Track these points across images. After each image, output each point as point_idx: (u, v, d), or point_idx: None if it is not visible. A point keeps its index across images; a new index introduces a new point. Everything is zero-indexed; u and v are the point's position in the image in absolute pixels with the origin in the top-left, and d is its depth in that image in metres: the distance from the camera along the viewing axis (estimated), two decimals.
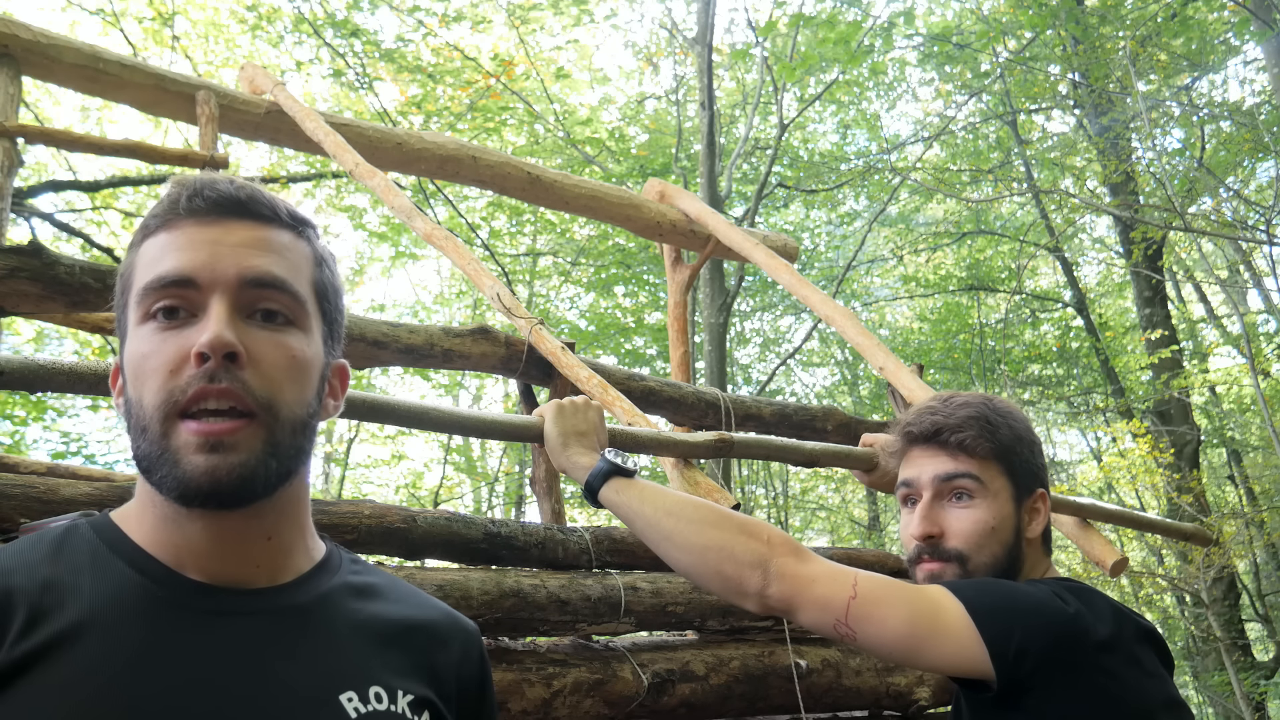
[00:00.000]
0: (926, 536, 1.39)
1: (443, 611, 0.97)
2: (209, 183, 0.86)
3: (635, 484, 1.37)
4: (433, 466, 13.58)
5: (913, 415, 1.48)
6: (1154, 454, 8.97)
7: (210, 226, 0.84)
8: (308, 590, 0.87)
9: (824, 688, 2.35)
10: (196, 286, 0.82)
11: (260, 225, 0.87)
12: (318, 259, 0.91)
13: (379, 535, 1.90)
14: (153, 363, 0.80)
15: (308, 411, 0.85)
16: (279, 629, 0.83)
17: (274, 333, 0.84)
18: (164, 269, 0.83)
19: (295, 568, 0.88)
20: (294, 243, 0.89)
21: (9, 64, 3.20)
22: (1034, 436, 1.46)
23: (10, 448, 7.95)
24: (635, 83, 14.44)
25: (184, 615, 0.79)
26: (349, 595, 0.90)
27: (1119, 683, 1.20)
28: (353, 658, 0.84)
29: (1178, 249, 12.26)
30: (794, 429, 3.34)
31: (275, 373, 0.82)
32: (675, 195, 4.49)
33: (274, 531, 0.86)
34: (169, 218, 0.85)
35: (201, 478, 0.78)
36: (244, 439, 0.79)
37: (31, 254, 2.11)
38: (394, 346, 2.69)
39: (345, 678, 0.82)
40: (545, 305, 12.94)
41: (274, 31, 10.21)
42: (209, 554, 0.83)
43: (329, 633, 0.85)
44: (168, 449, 0.79)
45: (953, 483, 1.39)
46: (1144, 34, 9.84)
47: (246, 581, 0.84)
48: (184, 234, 0.84)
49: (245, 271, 0.83)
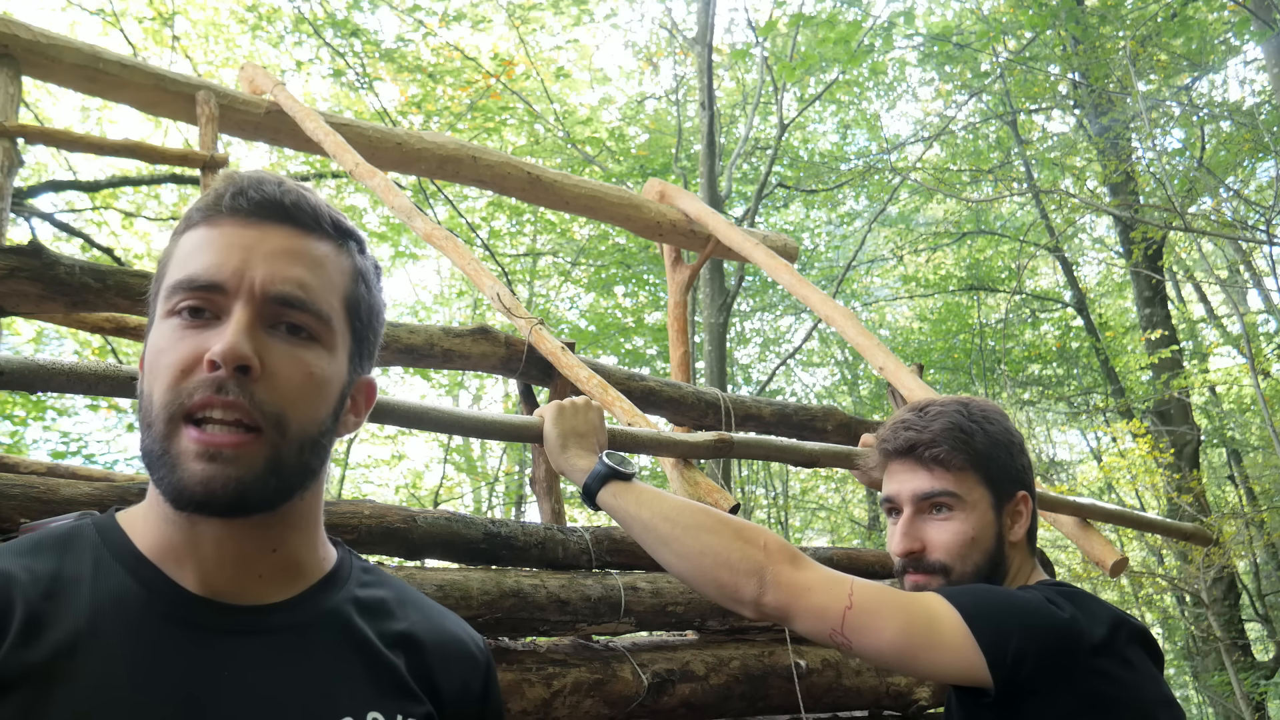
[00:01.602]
0: (909, 553, 1.42)
1: (451, 631, 0.95)
2: (255, 182, 0.84)
3: (633, 488, 1.37)
4: (433, 466, 13.60)
5: (888, 430, 1.49)
6: (1154, 454, 8.97)
7: (249, 228, 0.83)
8: (311, 608, 0.86)
9: (824, 688, 2.35)
10: (223, 291, 0.81)
11: (299, 233, 0.85)
12: (356, 273, 0.88)
13: (379, 535, 1.89)
14: (166, 359, 0.80)
15: (320, 429, 0.84)
16: (277, 649, 0.81)
17: (294, 347, 0.82)
18: (194, 269, 0.82)
19: (302, 580, 0.87)
20: (332, 254, 0.86)
21: (9, 64, 3.20)
22: (1012, 437, 1.45)
23: (10, 448, 7.95)
24: (635, 83, 14.45)
25: (183, 632, 0.78)
26: (354, 611, 0.88)
27: (1115, 685, 1.21)
28: (351, 680, 0.83)
29: (1178, 249, 12.26)
30: (794, 429, 3.35)
31: (289, 389, 0.80)
32: (675, 195, 4.49)
33: (279, 544, 0.85)
34: (211, 213, 0.84)
35: (196, 486, 0.77)
36: (245, 454, 0.78)
37: (31, 254, 2.11)
38: (394, 346, 2.69)
39: (342, 702, 0.81)
40: (545, 305, 12.94)
41: (274, 31, 10.21)
42: (210, 560, 0.82)
43: (329, 654, 0.84)
44: (169, 451, 0.78)
45: (931, 500, 1.41)
46: (1144, 34, 9.84)
47: (249, 594, 0.83)
48: (221, 233, 0.83)
49: (271, 284, 0.81)
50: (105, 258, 7.48)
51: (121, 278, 2.26)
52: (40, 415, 8.26)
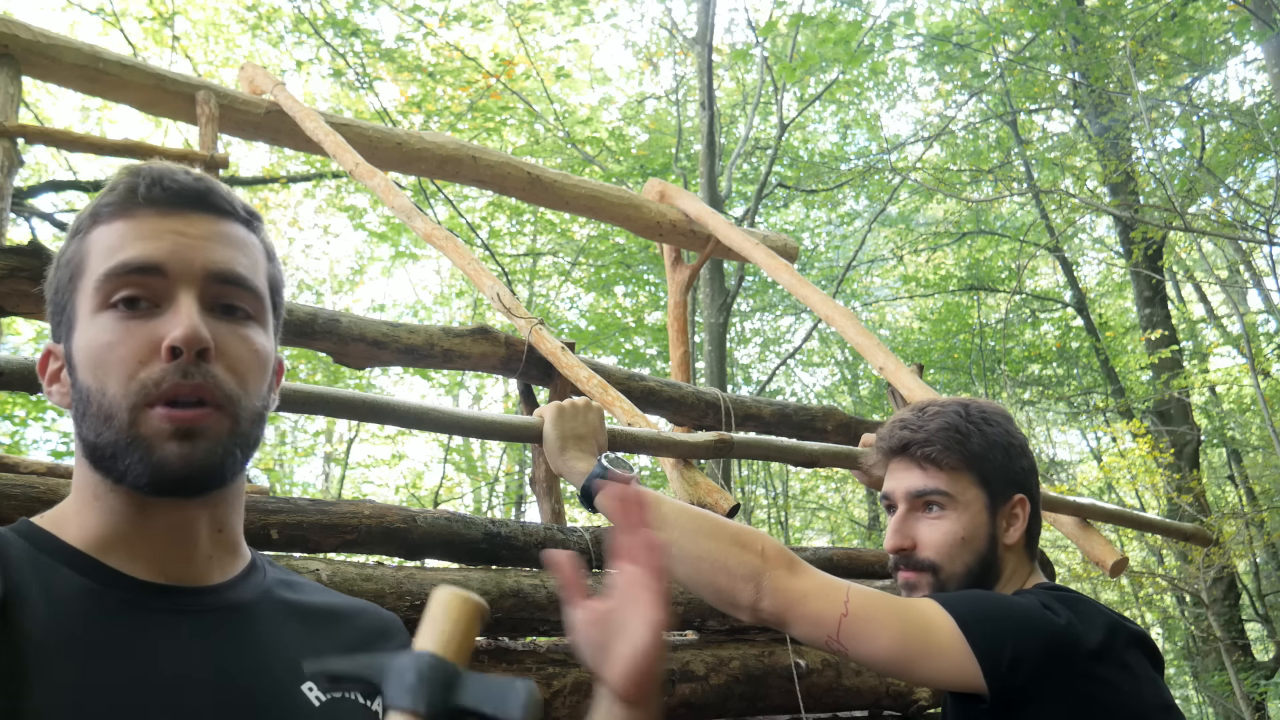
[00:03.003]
0: (899, 549, 1.43)
1: (363, 604, 0.98)
2: (167, 172, 0.85)
3: None
4: (433, 466, 13.60)
5: (887, 428, 1.50)
6: (1154, 454, 8.98)
7: (170, 217, 0.83)
8: (251, 586, 0.88)
9: (824, 688, 2.35)
10: (164, 275, 0.81)
11: (219, 219, 0.86)
12: (268, 253, 0.92)
13: (379, 535, 1.89)
14: (118, 353, 0.79)
15: (263, 403, 0.86)
16: (234, 625, 0.83)
17: (236, 326, 0.84)
18: (128, 256, 0.81)
19: (238, 561, 0.89)
20: (249, 237, 0.89)
21: (9, 64, 3.20)
22: (1012, 440, 1.45)
23: (10, 448, 7.95)
24: (635, 83, 14.45)
25: (143, 617, 0.79)
26: (284, 590, 0.91)
27: (1113, 690, 1.21)
28: (303, 650, 0.84)
29: (1178, 249, 12.26)
30: (794, 429, 3.35)
31: (240, 366, 0.83)
32: (675, 195, 4.49)
33: (224, 523, 0.87)
34: (126, 205, 0.84)
35: (176, 462, 0.78)
36: (212, 426, 0.80)
37: (31, 254, 2.11)
38: (394, 346, 2.69)
39: (302, 669, 0.82)
40: (545, 305, 12.94)
41: (274, 31, 10.21)
42: (164, 546, 0.82)
43: (279, 627, 0.86)
44: (138, 436, 0.78)
45: (923, 498, 1.42)
46: (1144, 34, 9.84)
47: (197, 578, 0.84)
48: (144, 223, 0.83)
49: (212, 266, 0.83)
50: None
51: None
52: (40, 415, 8.26)
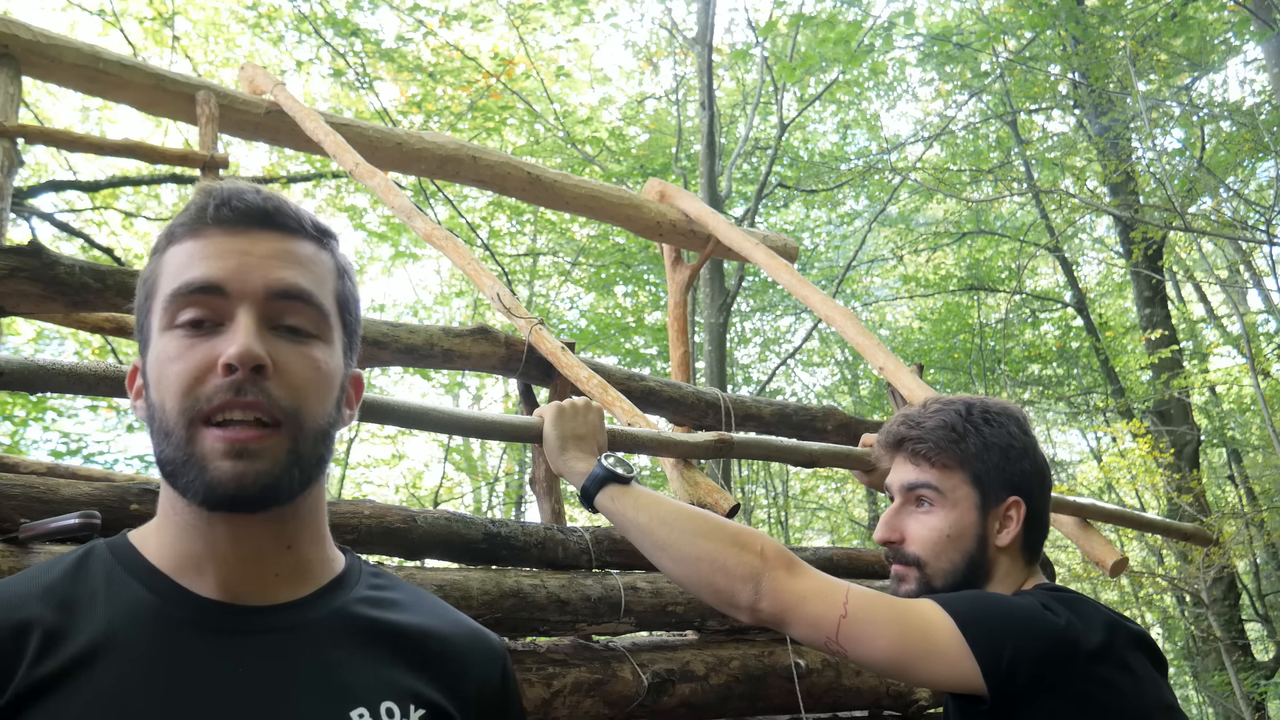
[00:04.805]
0: (886, 542, 1.45)
1: (466, 627, 0.97)
2: (236, 192, 0.86)
3: (630, 491, 1.37)
4: (433, 466, 13.60)
5: (888, 423, 1.53)
6: (1154, 454, 8.98)
7: (237, 236, 0.85)
8: (323, 605, 0.88)
9: (824, 688, 2.35)
10: (224, 295, 0.82)
11: (286, 237, 0.87)
12: (340, 270, 0.92)
13: (379, 535, 1.89)
14: (177, 368, 0.81)
15: (329, 421, 0.87)
16: (292, 646, 0.83)
17: (298, 345, 0.85)
18: (192, 276, 0.83)
19: (314, 580, 0.89)
20: (318, 254, 0.90)
21: (9, 64, 3.20)
22: (1013, 442, 1.43)
23: (10, 448, 7.95)
24: (635, 83, 14.44)
25: (198, 635, 0.80)
26: (366, 608, 0.90)
27: (1113, 691, 1.20)
28: (366, 673, 0.84)
29: (1178, 249, 12.26)
30: (794, 429, 3.34)
31: (300, 384, 0.83)
32: (675, 195, 4.49)
33: (294, 540, 0.87)
34: (196, 226, 0.86)
35: (228, 483, 0.79)
36: (269, 447, 0.80)
37: (31, 254, 2.11)
38: (394, 346, 2.69)
39: (357, 694, 0.83)
40: (545, 305, 12.94)
41: (274, 31, 10.21)
42: (230, 562, 0.84)
43: (341, 648, 0.85)
44: (193, 454, 0.80)
45: (914, 491, 1.43)
46: (1144, 34, 9.84)
47: (264, 595, 0.85)
48: (211, 243, 0.85)
49: (273, 284, 0.84)
50: (105, 258, 7.48)
51: (121, 278, 2.26)
52: (40, 415, 8.26)
